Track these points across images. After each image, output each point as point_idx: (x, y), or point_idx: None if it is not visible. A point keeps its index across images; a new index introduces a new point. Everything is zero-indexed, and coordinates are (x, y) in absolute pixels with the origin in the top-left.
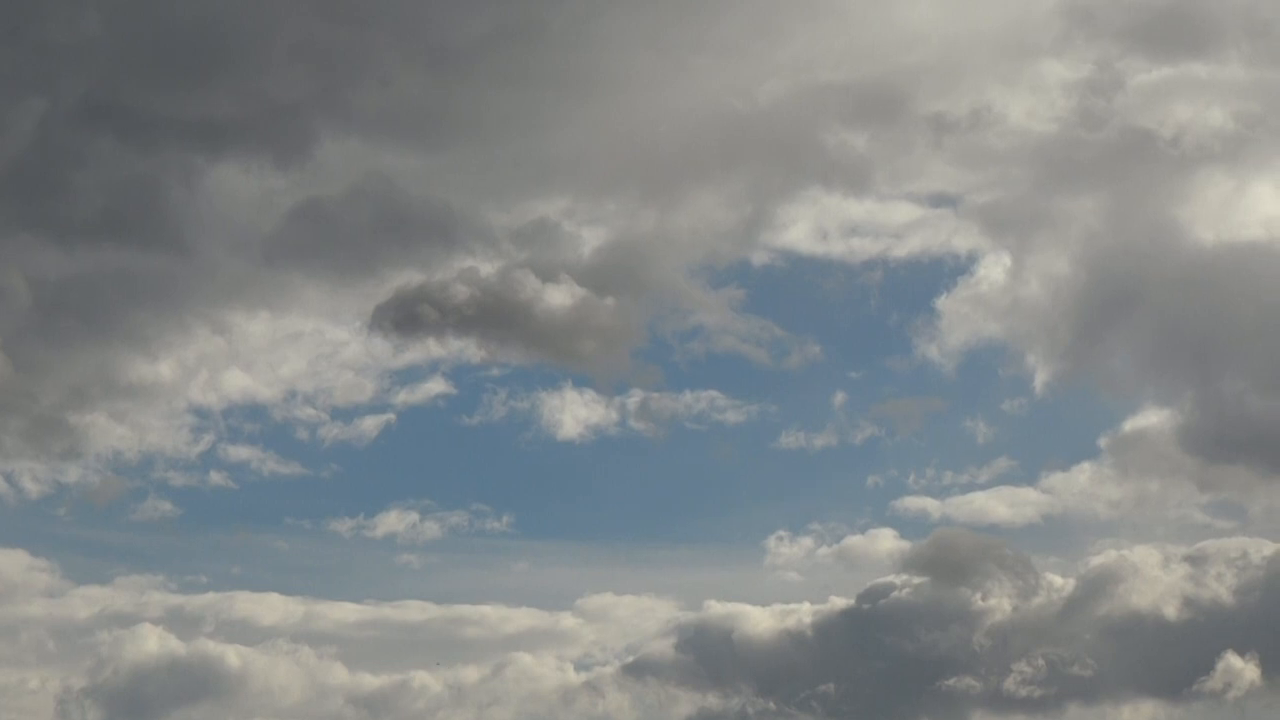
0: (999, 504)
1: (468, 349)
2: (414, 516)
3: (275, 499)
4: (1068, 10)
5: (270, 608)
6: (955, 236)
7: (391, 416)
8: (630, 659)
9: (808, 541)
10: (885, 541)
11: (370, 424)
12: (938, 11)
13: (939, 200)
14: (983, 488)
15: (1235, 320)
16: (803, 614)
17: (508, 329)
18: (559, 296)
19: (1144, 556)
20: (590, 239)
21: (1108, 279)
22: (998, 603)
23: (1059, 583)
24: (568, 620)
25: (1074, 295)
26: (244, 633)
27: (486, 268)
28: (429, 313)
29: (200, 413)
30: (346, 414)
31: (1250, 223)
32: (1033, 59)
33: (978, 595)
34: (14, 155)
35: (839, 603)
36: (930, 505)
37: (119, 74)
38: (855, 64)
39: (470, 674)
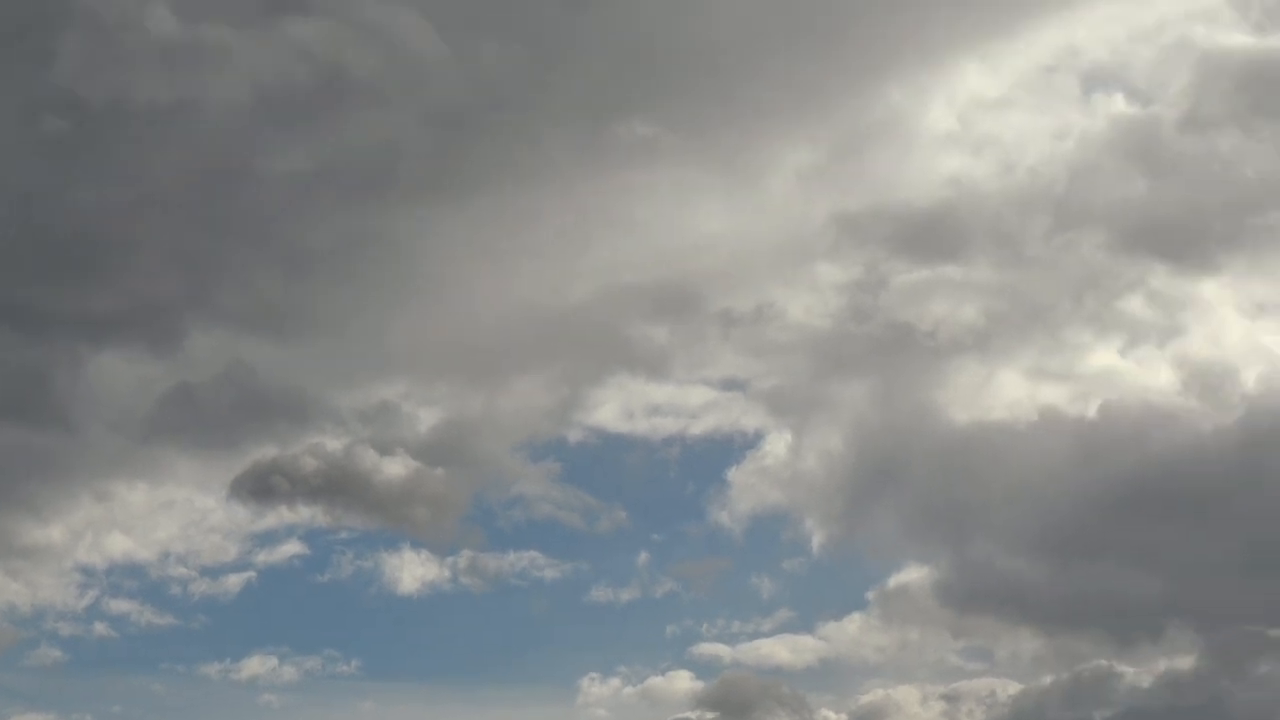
0: (781, 649)
1: (317, 515)
2: (274, 661)
3: (152, 647)
4: (839, 221)
5: None
6: (744, 416)
7: (253, 574)
8: None
9: (616, 682)
10: (683, 682)
11: (234, 580)
12: (726, 222)
13: (729, 385)
14: (767, 635)
15: (984, 491)
16: None
17: (351, 497)
18: (396, 468)
19: (906, 694)
20: (425, 418)
21: (875, 454)
22: None
23: (833, 718)
24: None
25: (846, 468)
26: None
27: (333, 443)
28: (281, 483)
29: (86, 571)
30: (214, 572)
31: (997, 405)
32: (809, 263)
33: None
34: None
35: None
36: (722, 650)
37: (13, 274)
38: (654, 268)
39: None
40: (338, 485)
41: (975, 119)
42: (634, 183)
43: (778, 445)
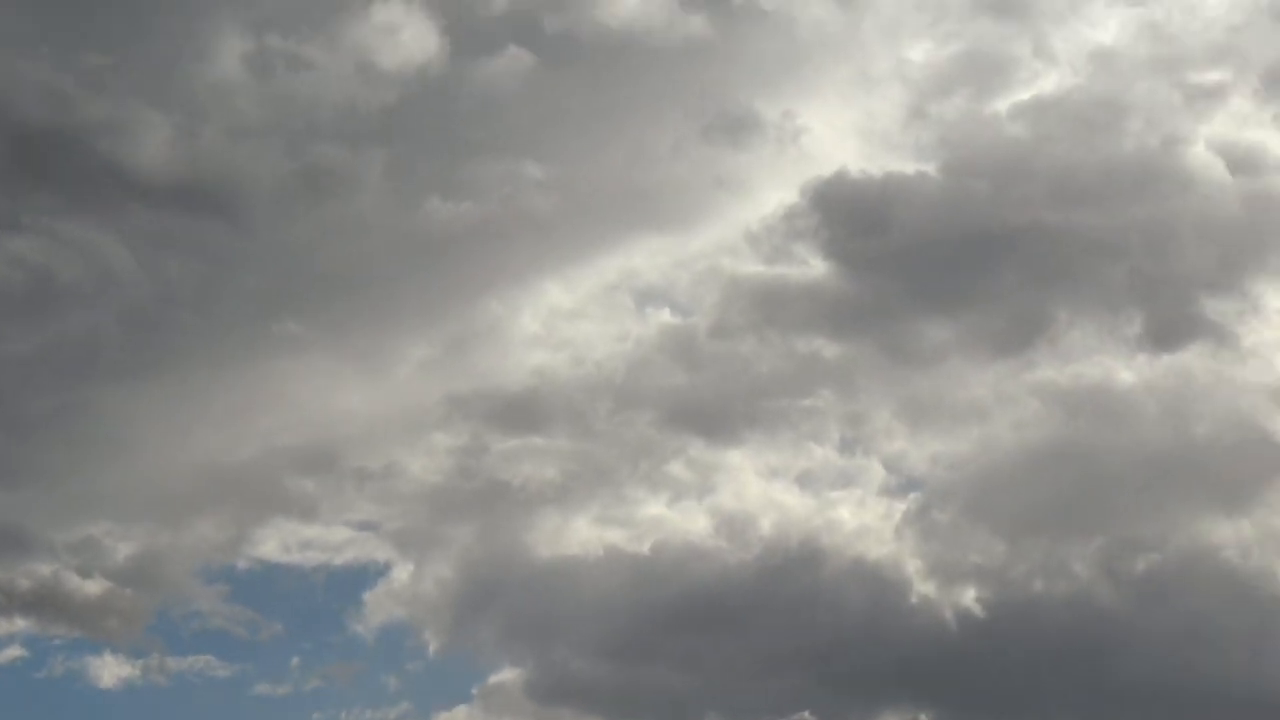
0: None
1: (32, 626)
2: None
3: None
4: (450, 400)
5: None
6: (376, 551)
7: None
8: None
9: None
10: None
11: None
12: (361, 399)
13: (364, 526)
14: None
15: (563, 609)
16: None
17: (60, 611)
18: (95, 588)
19: None
20: (122, 549)
21: (478, 581)
22: None
23: None
24: None
25: (456, 591)
26: None
27: (45, 568)
28: (1, 600)
29: None
30: None
31: (573, 544)
32: (427, 432)
33: None
34: None
35: None
36: None
37: None
38: (305, 434)
39: None
40: (49, 602)
41: (556, 325)
42: (289, 369)
43: (403, 573)
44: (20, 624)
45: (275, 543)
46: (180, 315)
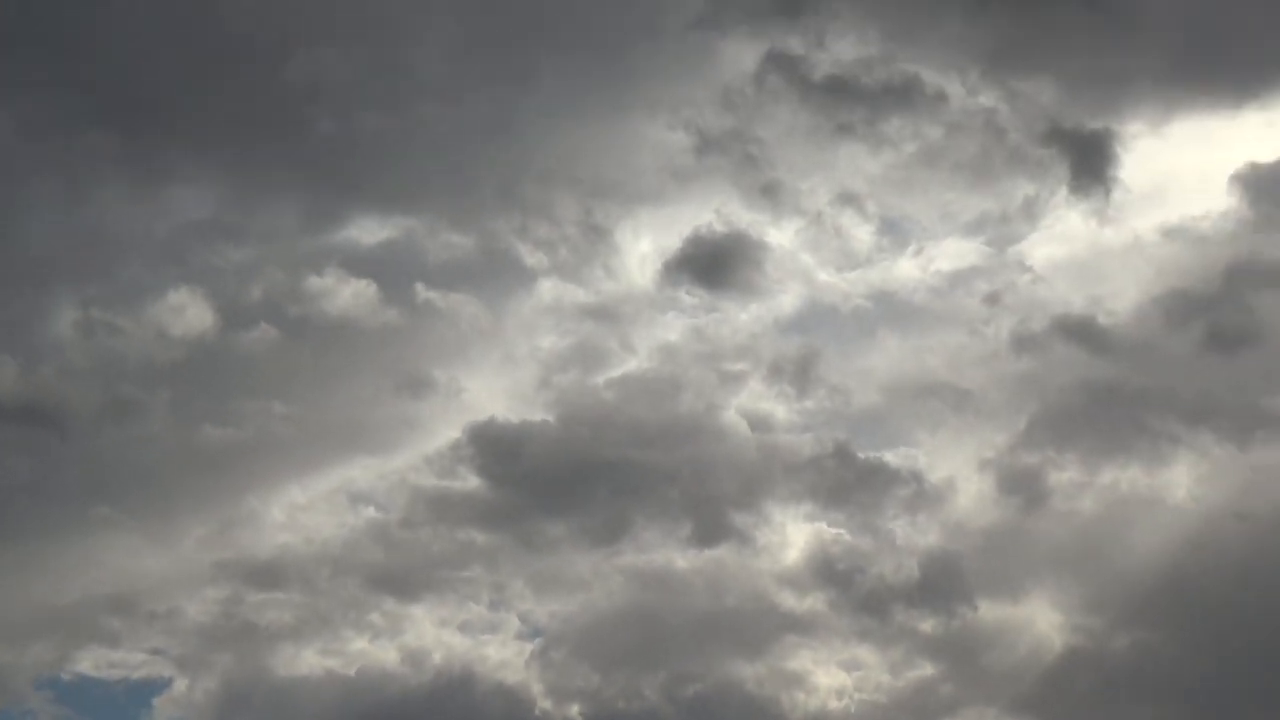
0: None
1: None
2: None
3: None
4: (218, 565)
5: None
6: (163, 670)
7: None
8: None
9: None
10: None
11: None
12: (155, 561)
13: (155, 651)
14: None
15: (297, 715)
16: None
17: None
18: None
19: None
20: None
21: (236, 694)
22: None
23: None
24: None
25: (220, 700)
26: None
27: None
28: None
29: None
30: None
31: (302, 668)
32: (201, 586)
33: None
34: None
35: None
36: None
37: None
38: (113, 584)
39: None
40: None
41: (295, 516)
42: (102, 540)
43: (182, 686)
44: None
45: (90, 662)
46: (22, 499)
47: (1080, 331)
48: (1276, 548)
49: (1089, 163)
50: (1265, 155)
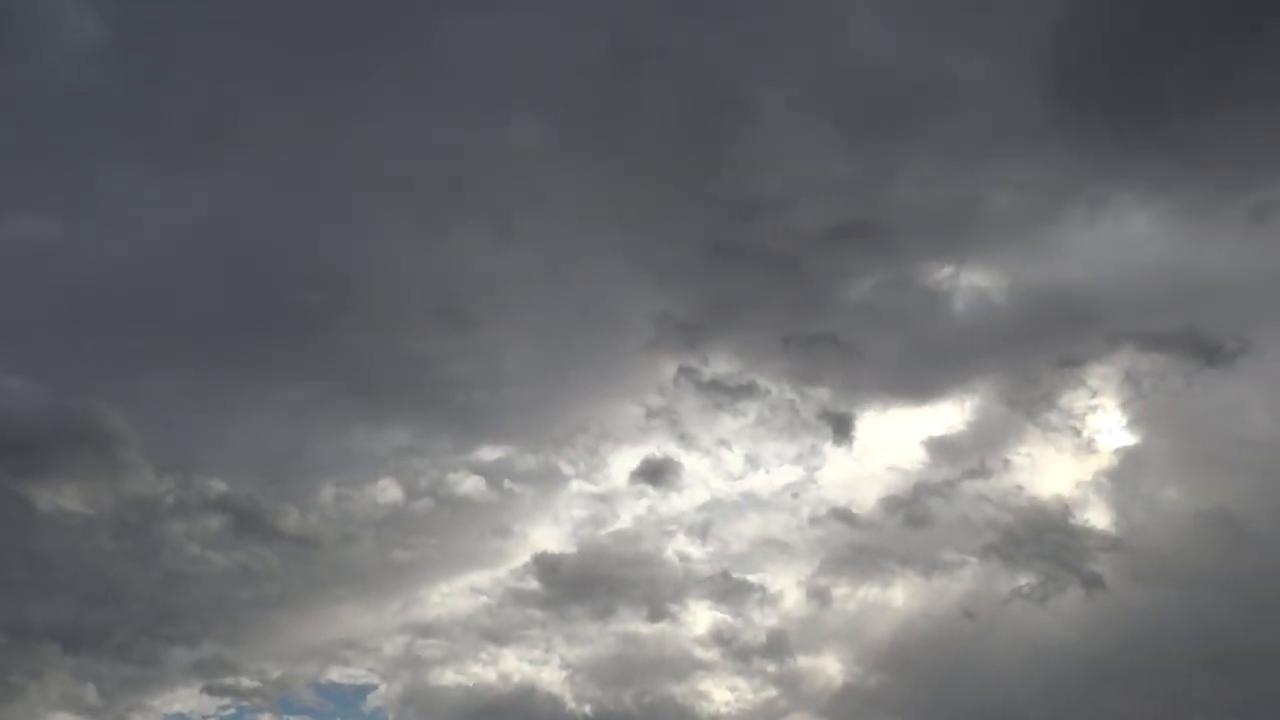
0: None
1: None
2: None
3: None
4: None
5: None
6: None
7: None
8: None
9: None
10: None
11: None
12: None
13: None
14: None
15: None
16: None
17: None
18: None
19: None
20: None
21: None
22: None
23: None
24: None
25: None
26: None
27: None
28: None
29: None
30: None
31: None
32: None
33: None
34: None
35: None
36: None
37: None
38: None
39: None
40: None
41: None
42: None
43: None
44: None
45: (335, 674)
46: (297, 586)
47: (845, 516)
48: (952, 629)
49: (844, 429)
50: (941, 430)
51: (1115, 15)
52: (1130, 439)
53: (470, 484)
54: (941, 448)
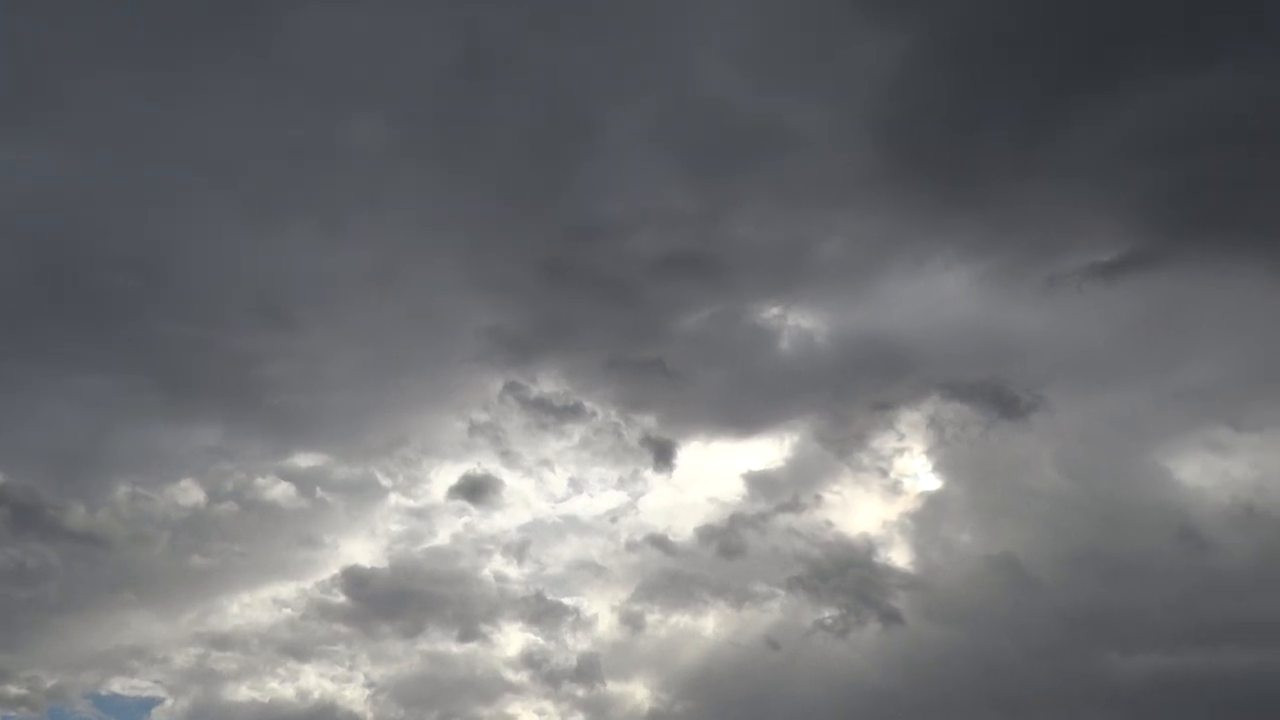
0: None
1: None
2: None
3: None
4: None
5: None
6: None
7: None
8: None
9: None
10: None
11: None
12: None
13: None
14: None
15: None
16: None
17: None
18: None
19: None
20: None
21: None
22: None
23: None
24: None
25: None
26: None
27: None
28: None
29: None
30: None
31: None
32: None
33: None
34: None
35: None
36: None
37: None
38: None
39: None
40: None
41: None
42: None
43: None
44: None
45: (118, 685)
46: (82, 587)
47: (662, 543)
48: (757, 658)
49: (666, 457)
50: (760, 464)
51: (946, 78)
52: (933, 483)
53: (280, 490)
54: (759, 481)
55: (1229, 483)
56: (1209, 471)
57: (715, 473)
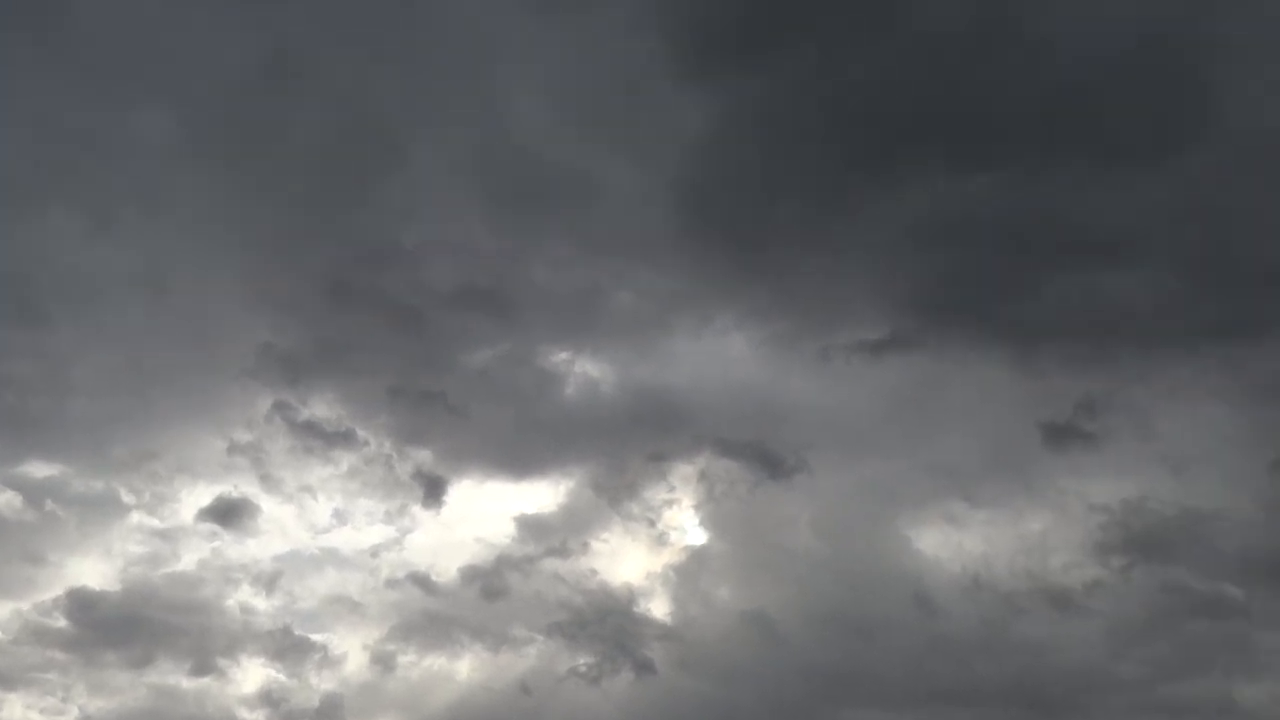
0: None
1: None
2: None
3: None
4: None
5: None
6: None
7: None
8: None
9: None
10: None
11: None
12: None
13: None
14: None
15: None
16: None
17: None
18: None
19: None
20: None
21: None
22: None
23: None
24: None
25: None
26: None
27: None
28: None
29: None
30: None
31: None
32: None
33: None
34: None
35: None
36: None
37: None
38: None
39: None
40: None
41: None
42: None
43: None
44: None
45: None
46: None
47: (423, 582)
48: (509, 704)
49: (436, 493)
50: (533, 508)
51: (748, 152)
52: (700, 537)
53: (3, 500)
54: (530, 524)
55: (961, 554)
56: (945, 542)
57: (487, 513)
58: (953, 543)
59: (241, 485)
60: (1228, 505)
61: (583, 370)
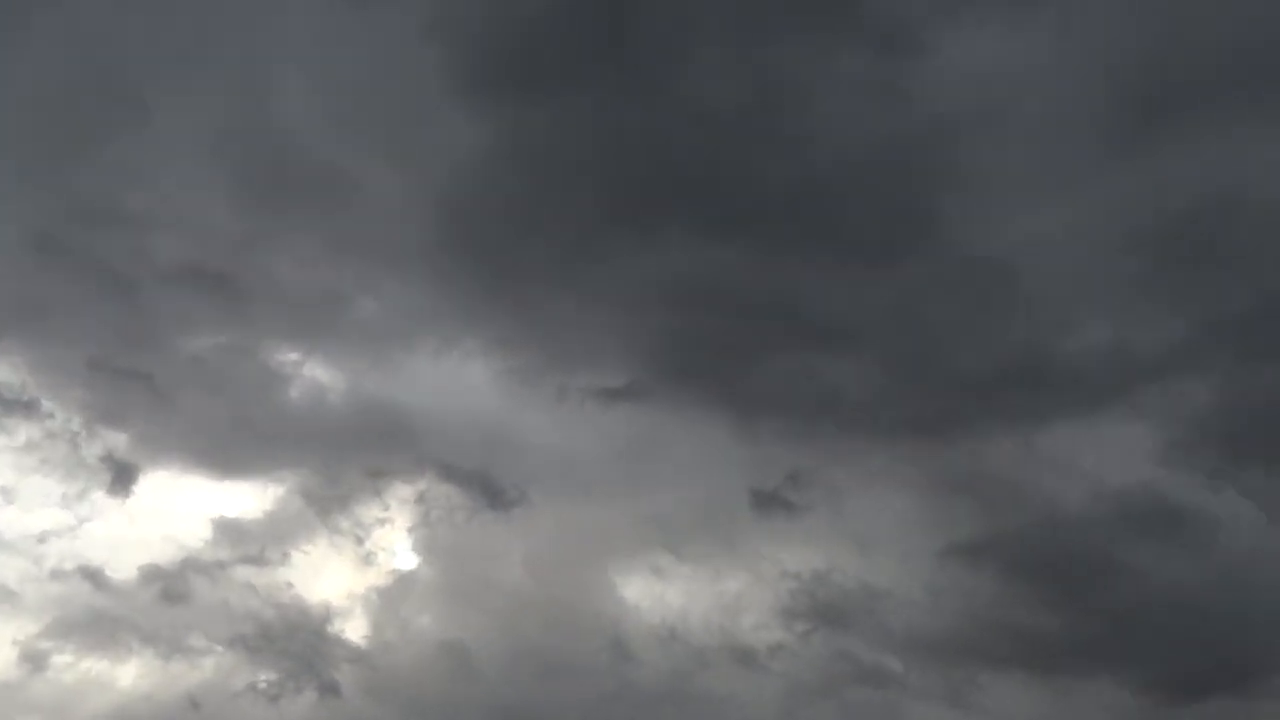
0: None
1: None
2: None
3: None
4: None
5: None
6: None
7: None
8: None
9: None
10: None
11: None
12: None
13: None
14: None
15: None
16: None
17: None
18: None
19: None
20: None
21: None
22: None
23: None
24: None
25: None
26: None
27: None
28: None
29: None
30: None
31: None
32: None
33: None
34: None
35: None
36: None
37: None
38: None
39: None
40: None
41: None
42: None
43: None
44: None
45: None
46: None
47: (95, 577)
48: (174, 717)
49: (125, 482)
50: (234, 511)
51: (515, 181)
52: (409, 561)
53: None
54: (228, 527)
55: (661, 605)
56: (648, 592)
57: (180, 510)
58: (655, 593)
59: None
60: (898, 585)
61: (311, 374)
